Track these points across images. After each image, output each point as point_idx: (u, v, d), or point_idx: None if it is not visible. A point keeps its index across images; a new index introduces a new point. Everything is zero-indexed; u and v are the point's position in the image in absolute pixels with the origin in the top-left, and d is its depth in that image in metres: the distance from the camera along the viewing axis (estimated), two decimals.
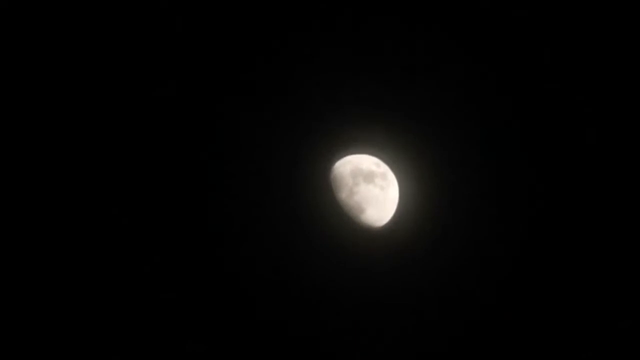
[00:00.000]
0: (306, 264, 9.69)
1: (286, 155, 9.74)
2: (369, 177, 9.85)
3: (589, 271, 9.95)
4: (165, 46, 9.59)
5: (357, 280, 9.76)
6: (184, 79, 9.61)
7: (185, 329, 9.35)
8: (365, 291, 9.78)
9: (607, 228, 9.92)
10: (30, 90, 9.35)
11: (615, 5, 9.85)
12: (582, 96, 9.95)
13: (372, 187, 9.85)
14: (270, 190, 9.70)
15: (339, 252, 9.75)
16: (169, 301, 9.35)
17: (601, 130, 9.96)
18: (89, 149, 9.41)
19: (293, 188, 9.72)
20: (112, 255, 9.26)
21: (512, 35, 9.94)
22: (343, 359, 9.68)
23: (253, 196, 9.68)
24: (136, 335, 9.30)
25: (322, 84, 9.84)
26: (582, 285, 9.96)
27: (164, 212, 9.45)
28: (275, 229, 9.68)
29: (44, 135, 9.35)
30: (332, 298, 9.71)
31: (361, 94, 9.88)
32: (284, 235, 9.68)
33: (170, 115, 9.56)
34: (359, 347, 9.73)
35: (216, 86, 9.66)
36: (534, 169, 9.97)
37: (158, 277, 9.35)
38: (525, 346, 9.91)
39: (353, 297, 9.75)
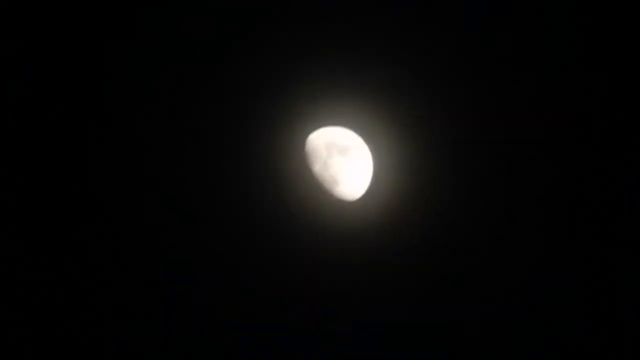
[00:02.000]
0: (279, 236, 9.83)
1: (258, 125, 9.71)
2: (343, 149, 9.69)
3: (578, 255, 9.54)
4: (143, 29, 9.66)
5: (330, 253, 9.82)
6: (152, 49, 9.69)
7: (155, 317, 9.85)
8: (338, 264, 9.84)
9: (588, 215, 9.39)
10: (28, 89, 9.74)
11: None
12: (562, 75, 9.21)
13: (346, 160, 9.69)
14: (242, 162, 9.78)
15: (312, 225, 9.79)
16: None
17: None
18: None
19: (265, 159, 9.75)
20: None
21: (491, 11, 9.22)
22: (316, 334, 9.91)
23: (225, 167, 9.81)
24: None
25: (296, 53, 9.60)
26: (572, 267, 9.57)
27: (140, 187, 9.80)
28: (248, 202, 9.82)
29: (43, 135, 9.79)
30: (304, 270, 9.86)
31: (336, 65, 9.57)
32: (256, 208, 9.82)
33: (142, 91, 9.72)
34: (333, 322, 9.90)
35: (186, 60, 9.67)
36: (511, 145, 9.43)
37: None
38: (507, 324, 9.74)
39: (326, 270, 9.85)
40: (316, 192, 9.72)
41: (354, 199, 9.71)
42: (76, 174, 9.64)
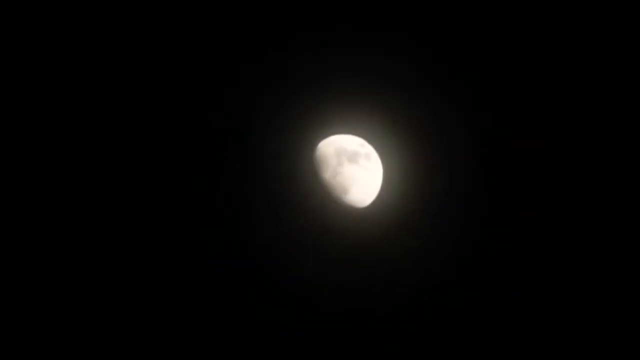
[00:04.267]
0: (289, 243, 9.74)
1: (270, 134, 9.76)
2: (353, 157, 9.85)
3: (579, 265, 9.91)
4: (153, 33, 9.68)
5: (339, 260, 9.79)
6: (166, 58, 9.68)
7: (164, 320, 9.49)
8: (348, 271, 9.81)
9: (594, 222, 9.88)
10: (29, 90, 9.49)
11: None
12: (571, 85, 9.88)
13: (356, 168, 9.84)
14: (253, 170, 9.75)
15: (323, 231, 9.78)
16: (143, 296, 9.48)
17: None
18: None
19: (276, 167, 9.75)
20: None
21: (497, 16, 9.85)
22: (326, 340, 9.73)
23: (236, 176, 9.73)
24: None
25: (307, 63, 9.82)
26: (573, 277, 9.92)
27: (150, 194, 9.56)
28: (258, 209, 9.73)
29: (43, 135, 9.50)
30: (314, 275, 9.76)
31: (346, 74, 9.85)
32: (266, 215, 9.73)
33: (152, 93, 9.64)
34: (342, 327, 9.77)
35: (198, 65, 9.71)
36: (520, 151, 9.89)
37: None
38: (512, 328, 9.89)
39: (336, 274, 9.79)
40: (326, 199, 9.78)
41: (364, 206, 9.83)
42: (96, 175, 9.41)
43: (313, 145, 9.80)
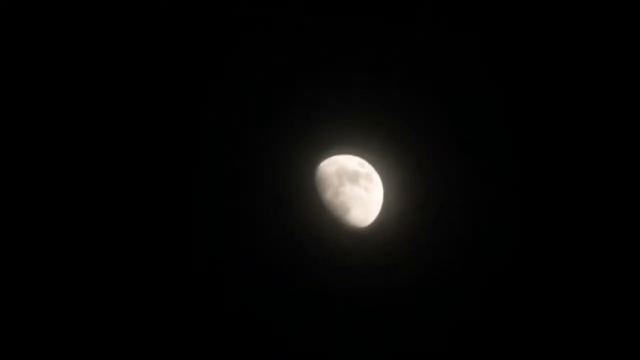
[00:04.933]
0: (290, 263, 9.75)
1: (271, 154, 9.83)
2: (353, 177, 9.91)
3: (582, 272, 9.89)
4: (153, 43, 9.78)
5: (340, 280, 9.79)
6: (167, 77, 9.78)
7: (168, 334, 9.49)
8: (349, 291, 9.81)
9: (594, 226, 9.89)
10: (30, 90, 9.57)
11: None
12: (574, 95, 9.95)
13: (356, 188, 9.90)
14: (254, 190, 9.79)
15: (323, 252, 9.80)
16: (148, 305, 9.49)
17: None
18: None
19: (277, 187, 9.80)
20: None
21: (500, 34, 9.95)
22: (326, 340, 9.70)
23: (237, 196, 9.78)
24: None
25: (308, 83, 9.92)
26: (575, 286, 9.89)
27: (142, 216, 9.57)
28: (260, 229, 9.76)
29: (43, 135, 9.56)
30: (315, 297, 9.75)
31: (347, 95, 9.94)
32: (268, 234, 9.76)
33: (152, 115, 9.72)
34: (344, 348, 9.75)
35: (200, 85, 9.80)
36: (522, 171, 9.94)
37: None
38: (515, 347, 9.87)
39: (336, 296, 9.78)
40: (327, 219, 9.82)
41: (365, 226, 9.87)
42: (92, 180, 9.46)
43: (314, 165, 9.86)
